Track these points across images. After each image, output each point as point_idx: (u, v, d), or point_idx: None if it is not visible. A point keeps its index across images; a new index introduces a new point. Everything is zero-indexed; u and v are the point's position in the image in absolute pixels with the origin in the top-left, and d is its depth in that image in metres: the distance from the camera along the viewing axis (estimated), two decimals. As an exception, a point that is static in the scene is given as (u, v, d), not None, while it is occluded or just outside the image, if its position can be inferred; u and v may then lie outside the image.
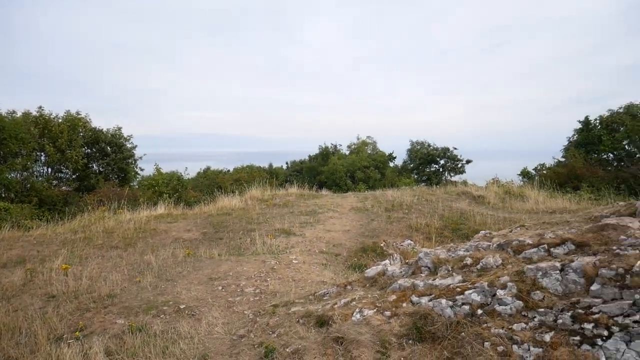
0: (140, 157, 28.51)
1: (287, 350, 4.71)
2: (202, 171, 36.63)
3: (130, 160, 27.76)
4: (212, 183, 26.67)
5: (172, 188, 20.91)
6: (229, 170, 36.85)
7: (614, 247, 4.30)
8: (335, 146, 39.12)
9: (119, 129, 27.67)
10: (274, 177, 32.74)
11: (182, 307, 6.37)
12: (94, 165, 26.87)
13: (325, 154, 37.17)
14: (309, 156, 40.08)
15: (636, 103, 26.78)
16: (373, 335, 4.55)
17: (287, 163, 43.27)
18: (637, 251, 4.13)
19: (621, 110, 26.79)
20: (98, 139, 26.49)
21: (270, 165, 41.59)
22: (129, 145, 27.81)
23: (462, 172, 35.32)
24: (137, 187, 25.10)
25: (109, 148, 26.95)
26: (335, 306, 5.25)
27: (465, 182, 22.08)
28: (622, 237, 4.41)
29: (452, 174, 35.03)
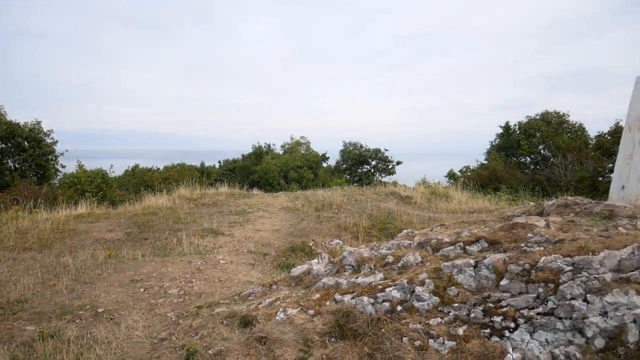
0: (62, 154, 26.93)
1: (210, 352, 4.62)
2: (130, 169, 35.22)
3: (50, 157, 26.16)
4: (139, 181, 25.72)
5: (96, 186, 19.93)
6: (158, 169, 35.67)
7: (522, 245, 4.58)
8: (269, 146, 38.98)
9: (38, 123, 26.03)
10: (206, 176, 32.04)
11: (100, 310, 6.08)
12: (8, 161, 25.10)
13: (259, 154, 36.94)
14: (242, 155, 39.67)
15: (551, 111, 28.69)
16: (296, 334, 4.56)
17: (219, 162, 42.58)
18: (542, 248, 4.42)
19: (537, 117, 28.61)
20: (14, 133, 24.77)
21: (202, 164, 40.73)
22: (49, 141, 26.20)
23: (393, 173, 36.29)
24: (57, 185, 23.70)
25: (26, 143, 25.27)
26: (260, 306, 5.22)
27: (395, 183, 22.69)
28: (530, 234, 4.70)
29: (383, 175, 35.89)
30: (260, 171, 32.55)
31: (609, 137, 22.13)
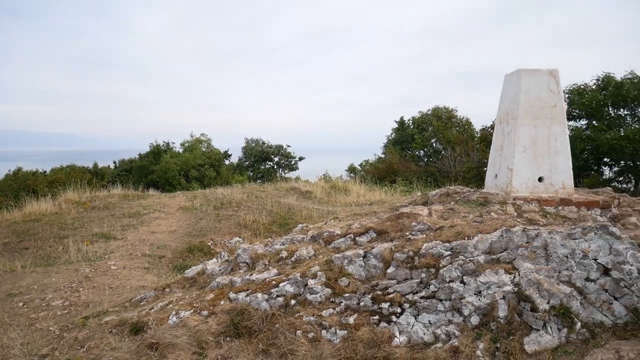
0: None
1: (97, 364, 4.37)
2: (11, 173, 32.08)
3: None
4: (21, 186, 23.55)
5: (-32, 193, 17.96)
6: (45, 172, 32.90)
7: (407, 233, 4.83)
8: (168, 144, 37.49)
9: None
10: (100, 177, 30.09)
11: (-31, 331, 5.49)
12: None
13: (157, 152, 35.38)
14: (140, 155, 37.78)
15: (441, 106, 30.55)
16: (190, 336, 4.45)
17: (115, 162, 40.22)
18: (425, 235, 4.69)
19: (429, 113, 30.31)
20: None
21: (96, 165, 38.27)
22: None
23: (296, 168, 36.56)
24: None
25: None
26: (152, 311, 5.02)
27: (297, 179, 22.90)
28: (414, 223, 4.96)
29: (286, 171, 36.05)
30: (159, 171, 31.23)
31: (491, 130, 23.99)
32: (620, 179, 16.89)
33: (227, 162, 37.25)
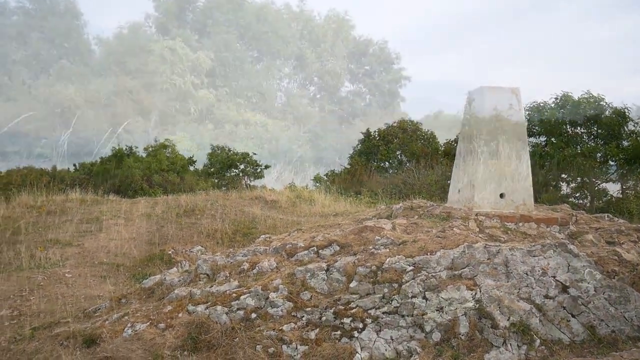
0: None
1: (45, 379, 4.16)
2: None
3: None
4: (-27, 188, 22.47)
5: None
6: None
7: (370, 247, 4.82)
8: (131, 148, 36.64)
9: None
10: (59, 181, 29.08)
11: None
12: None
13: (120, 156, 34.49)
14: (101, 158, 36.76)
15: (406, 119, 30.98)
16: (145, 350, 4.29)
17: (75, 165, 39.02)
18: (387, 250, 4.69)
19: (395, 125, 30.68)
20: None
21: (54, 168, 37.02)
22: None
23: (262, 176, 36.27)
24: None
25: None
26: (106, 322, 4.84)
27: (264, 187, 22.71)
28: (377, 237, 4.96)
29: (252, 179, 35.75)
30: (121, 175, 30.46)
31: (455, 144, 24.43)
32: (577, 194, 17.46)
33: (191, 168, 36.67)
